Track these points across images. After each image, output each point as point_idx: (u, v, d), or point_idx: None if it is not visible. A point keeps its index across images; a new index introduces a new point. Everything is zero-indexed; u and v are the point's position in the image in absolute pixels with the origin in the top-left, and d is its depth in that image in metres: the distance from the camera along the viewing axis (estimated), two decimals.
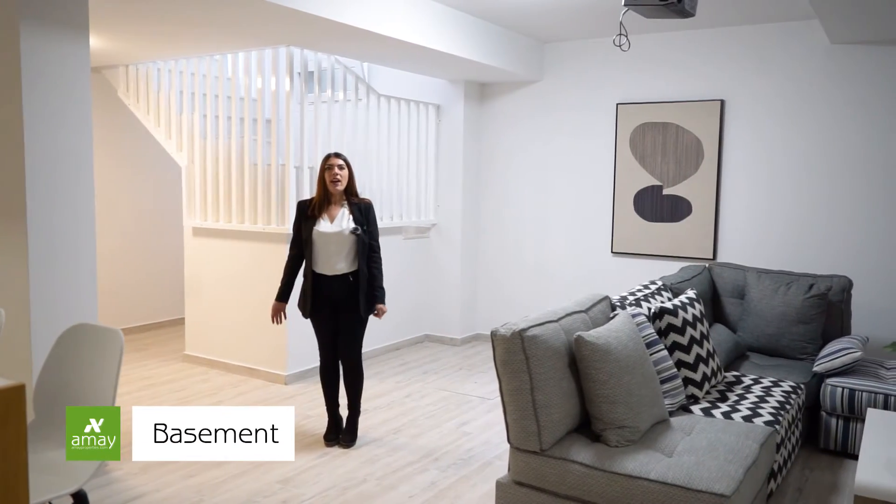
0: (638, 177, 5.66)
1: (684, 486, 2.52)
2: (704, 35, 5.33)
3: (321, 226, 3.79)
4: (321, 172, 3.83)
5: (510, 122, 6.27)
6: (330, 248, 3.77)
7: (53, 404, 2.24)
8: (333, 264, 3.78)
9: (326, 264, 3.79)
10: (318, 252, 3.78)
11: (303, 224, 3.83)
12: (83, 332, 2.24)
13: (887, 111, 4.76)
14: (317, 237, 3.77)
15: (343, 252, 3.79)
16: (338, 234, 3.77)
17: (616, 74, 5.72)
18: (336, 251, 3.78)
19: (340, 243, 3.78)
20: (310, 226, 3.80)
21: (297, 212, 3.92)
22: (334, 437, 3.98)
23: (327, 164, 3.81)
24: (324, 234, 3.77)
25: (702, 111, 5.35)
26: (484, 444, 4.01)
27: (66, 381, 2.19)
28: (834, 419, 3.87)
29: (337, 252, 3.78)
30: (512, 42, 5.59)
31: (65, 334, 2.32)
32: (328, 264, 3.79)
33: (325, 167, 3.81)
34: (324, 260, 3.79)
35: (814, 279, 4.50)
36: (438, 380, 5.27)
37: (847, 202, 4.92)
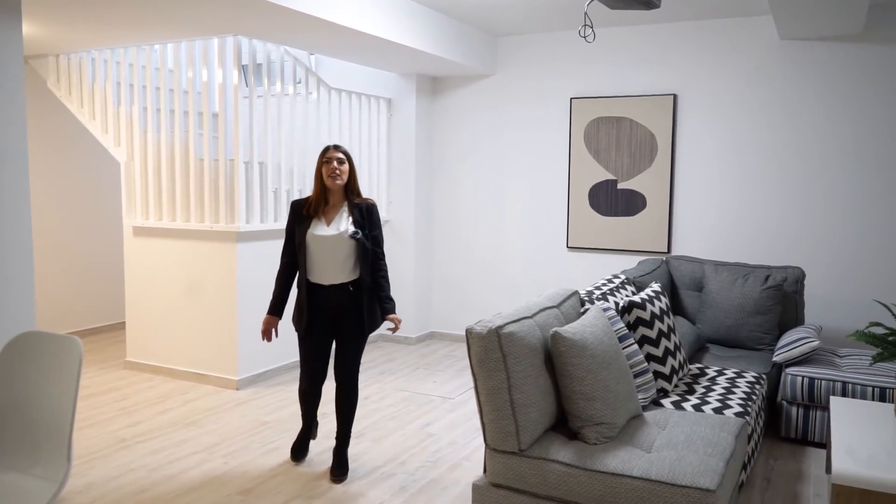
0: (593, 171, 5.66)
1: (669, 482, 2.48)
2: (657, 30, 5.36)
3: (316, 228, 3.33)
4: (318, 167, 3.36)
5: (463, 117, 6.19)
6: (326, 254, 3.32)
7: (3, 423, 2.01)
8: (330, 273, 3.34)
9: (322, 272, 3.34)
10: (312, 258, 3.34)
11: (296, 227, 3.39)
12: (34, 342, 1.98)
13: (833, 105, 4.88)
14: (311, 241, 3.32)
15: (341, 259, 3.33)
16: (335, 237, 3.30)
17: (569, 69, 5.71)
18: (333, 257, 3.32)
19: (338, 249, 3.32)
20: (304, 228, 3.35)
21: (290, 213, 3.44)
22: (303, 456, 3.65)
23: (325, 156, 3.33)
24: (319, 237, 3.31)
25: (655, 106, 5.39)
26: (450, 444, 3.91)
27: (15, 397, 1.95)
28: (794, 408, 3.93)
29: (334, 258, 3.32)
30: (464, 35, 5.51)
31: (11, 344, 2.06)
32: (324, 272, 3.34)
33: (322, 160, 3.34)
34: (319, 268, 3.34)
35: (769, 270, 4.57)
36: (397, 380, 5.14)
37: (798, 194, 5.03)
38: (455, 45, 5.37)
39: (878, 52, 4.74)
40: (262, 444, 3.89)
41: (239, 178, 4.77)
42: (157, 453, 3.75)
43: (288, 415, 4.35)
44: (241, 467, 3.57)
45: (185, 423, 4.20)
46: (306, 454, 3.68)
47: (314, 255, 3.33)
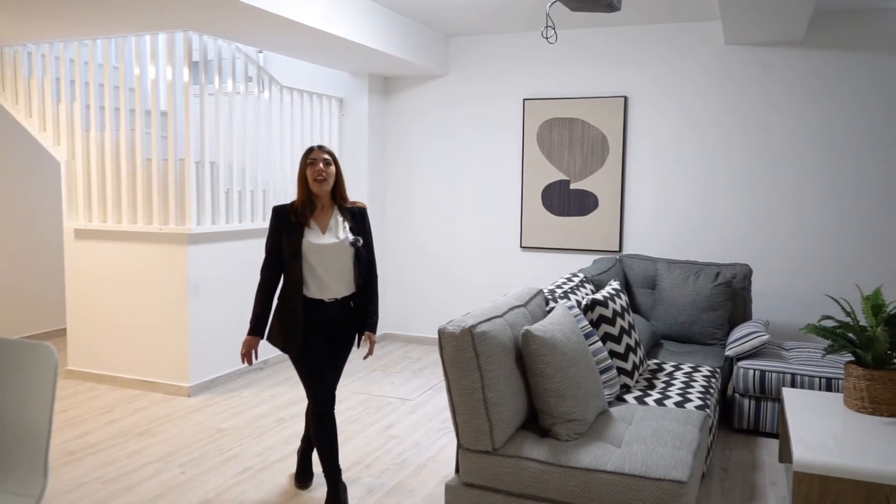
0: (546, 172, 5.72)
1: (642, 475, 2.52)
2: (609, 33, 5.46)
3: (313, 236, 2.98)
4: (302, 169, 3.01)
5: (416, 117, 6.17)
6: (328, 266, 2.99)
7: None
8: (333, 286, 3.01)
9: (323, 286, 3.00)
10: (313, 271, 2.98)
11: (285, 235, 2.99)
12: (2, 349, 1.86)
13: (776, 107, 5.08)
14: (310, 251, 2.95)
15: (344, 270, 3.02)
16: (337, 246, 2.98)
17: (522, 70, 5.76)
18: (336, 269, 3.00)
19: (341, 259, 3.00)
20: (297, 237, 2.97)
21: (273, 220, 3.04)
22: (310, 479, 3.37)
23: (310, 157, 3.01)
24: (319, 247, 2.96)
25: (607, 107, 5.49)
26: (414, 446, 3.88)
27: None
28: (746, 400, 4.06)
29: (337, 270, 3.01)
30: (417, 34, 5.49)
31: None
32: (326, 286, 3.00)
33: (306, 162, 3.01)
34: (321, 281, 2.99)
35: (719, 268, 4.71)
36: (353, 383, 5.08)
37: (744, 193, 5.20)
38: (408, 44, 5.35)
39: (817, 57, 4.95)
40: (220, 451, 3.78)
41: (190, 179, 4.63)
42: (110, 465, 3.60)
43: (244, 421, 4.25)
44: (200, 477, 3.46)
45: (136, 433, 4.05)
46: (312, 476, 3.39)
47: (314, 267, 2.98)
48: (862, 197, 4.92)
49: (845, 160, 4.94)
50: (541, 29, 5.60)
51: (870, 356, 3.14)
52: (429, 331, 6.28)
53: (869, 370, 3.13)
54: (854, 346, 3.20)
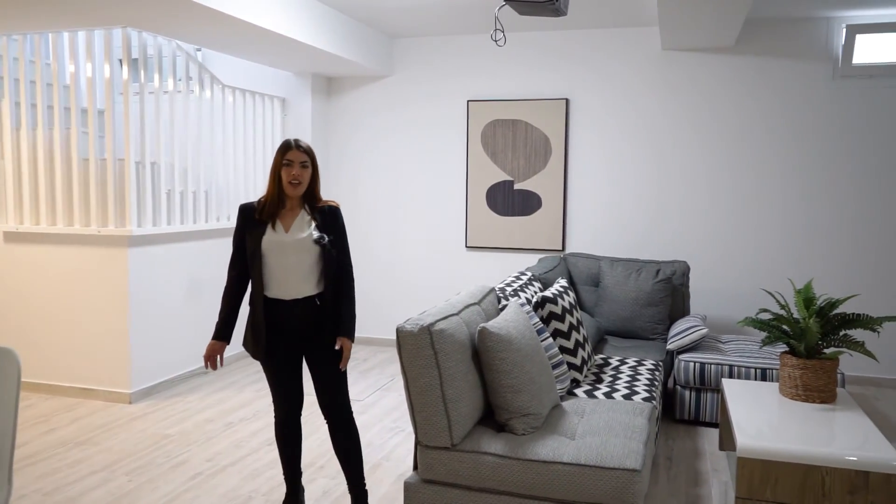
0: (490, 172, 5.81)
1: (597, 465, 2.61)
2: (550, 36, 5.59)
3: (273, 234, 2.80)
4: (275, 166, 2.80)
5: (360, 118, 6.16)
6: (287, 263, 2.81)
7: None
8: (293, 285, 2.82)
9: (283, 285, 2.82)
10: (271, 268, 2.81)
11: (248, 234, 2.84)
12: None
13: (708, 111, 5.30)
14: (268, 247, 2.79)
15: (304, 267, 2.83)
16: (297, 242, 2.80)
17: (466, 71, 5.83)
18: (296, 266, 2.82)
19: (301, 255, 2.82)
20: (257, 235, 2.81)
21: (238, 219, 2.89)
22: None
23: (286, 157, 2.77)
24: (278, 243, 2.79)
25: (549, 109, 5.61)
26: (367, 446, 3.88)
27: None
28: (687, 391, 4.23)
29: (297, 267, 2.82)
30: (361, 34, 5.49)
31: None
32: (285, 285, 2.82)
33: (282, 161, 2.78)
34: (279, 279, 2.82)
35: (659, 265, 4.89)
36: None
37: (681, 193, 5.40)
38: (351, 44, 5.33)
39: (747, 63, 5.19)
40: (168, 458, 3.70)
41: (130, 179, 4.50)
42: (50, 476, 3.47)
43: (191, 426, 4.16)
44: (149, 484, 3.38)
45: (76, 443, 3.91)
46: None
47: (272, 265, 2.82)
48: (791, 195, 5.19)
49: (774, 161, 5.20)
50: (485, 31, 5.68)
51: (803, 346, 3.32)
52: (375, 331, 6.28)
53: (802, 360, 3.31)
54: (788, 338, 3.38)
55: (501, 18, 4.48)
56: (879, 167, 5.01)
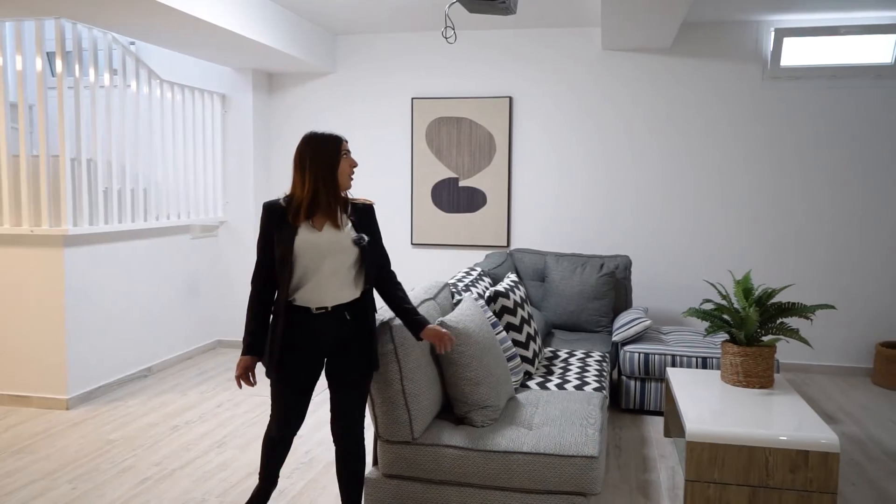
0: (435, 169, 5.83)
1: (557, 453, 2.67)
2: (494, 35, 5.65)
3: (307, 234, 2.50)
4: (328, 159, 2.54)
5: (303, 115, 6.09)
6: (324, 267, 2.51)
7: None
8: (327, 291, 2.52)
9: (315, 292, 2.51)
10: (304, 273, 2.51)
11: (276, 235, 2.53)
12: None
13: (646, 109, 5.47)
14: (303, 249, 2.48)
15: (342, 272, 2.54)
16: (334, 243, 2.51)
17: (410, 69, 5.84)
18: (333, 271, 2.52)
19: (340, 258, 2.52)
20: (288, 236, 2.50)
21: (264, 219, 2.57)
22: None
23: (344, 148, 2.57)
24: (312, 243, 2.49)
25: (493, 107, 5.68)
26: (319, 444, 3.85)
27: None
28: (633, 381, 4.36)
29: (334, 273, 2.52)
30: (303, 30, 5.43)
31: None
32: (318, 291, 2.51)
33: (340, 152, 2.55)
34: (313, 285, 2.51)
35: (602, 259, 5.02)
36: (247, 386, 4.94)
37: (621, 188, 5.56)
38: (293, 39, 5.26)
39: (683, 64, 5.38)
40: (114, 463, 3.58)
41: (65, 177, 4.33)
42: None
43: (135, 431, 4.03)
44: (94, 491, 3.27)
45: (12, 451, 3.74)
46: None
47: (307, 267, 2.50)
48: (727, 190, 5.41)
49: (710, 157, 5.41)
50: (430, 29, 5.70)
51: (743, 334, 3.48)
52: None
53: (742, 347, 3.47)
54: (729, 327, 3.53)
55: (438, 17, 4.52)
56: (806, 163, 5.28)
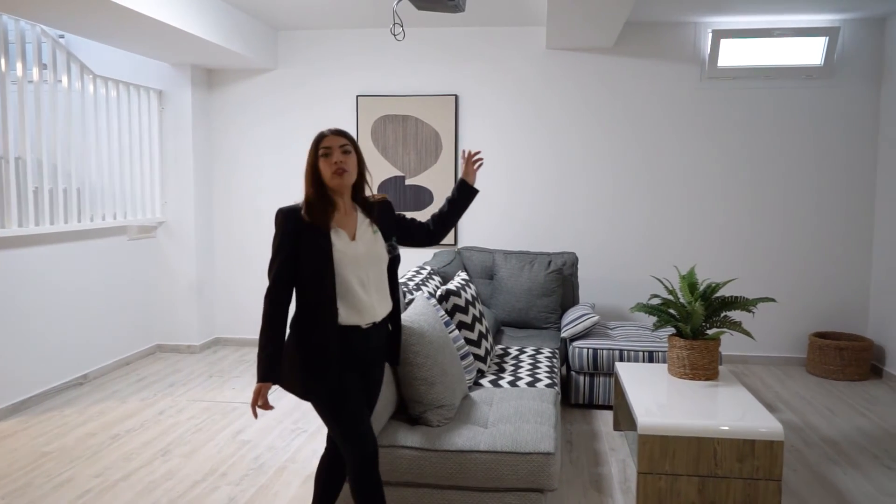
0: (381, 168, 5.78)
1: (514, 451, 2.67)
2: (439, 33, 5.63)
3: (344, 244, 2.29)
4: (311, 162, 2.33)
5: (245, 112, 5.94)
6: (363, 279, 2.32)
7: None
8: (372, 307, 2.34)
9: (361, 308, 2.31)
10: (345, 288, 2.28)
11: (302, 245, 2.27)
12: None
13: (589, 107, 5.54)
14: (345, 263, 2.27)
15: (381, 283, 2.38)
16: (371, 252, 2.34)
17: (355, 66, 5.76)
18: (375, 285, 2.35)
19: (376, 269, 2.36)
20: (319, 246, 2.26)
21: (280, 229, 2.30)
22: None
23: (322, 147, 2.32)
24: (352, 255, 2.29)
25: (439, 105, 5.66)
26: (269, 449, 3.76)
27: None
28: (582, 377, 4.41)
29: (377, 286, 2.36)
30: (242, 24, 5.29)
31: None
32: (364, 308, 2.32)
33: (318, 153, 2.32)
34: (357, 302, 2.30)
35: (550, 256, 5.06)
36: (190, 391, 4.80)
37: (568, 185, 5.62)
38: (233, 34, 5.12)
39: (625, 63, 5.47)
40: (49, 477, 3.41)
41: None
42: None
43: (72, 442, 3.86)
44: None
45: None
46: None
47: (349, 283, 2.28)
48: (669, 186, 5.53)
49: (652, 154, 5.52)
50: (374, 26, 5.64)
51: (689, 328, 3.56)
52: None
53: (689, 341, 3.55)
54: (676, 321, 3.60)
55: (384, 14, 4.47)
56: (742, 161, 5.45)
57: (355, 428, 2.29)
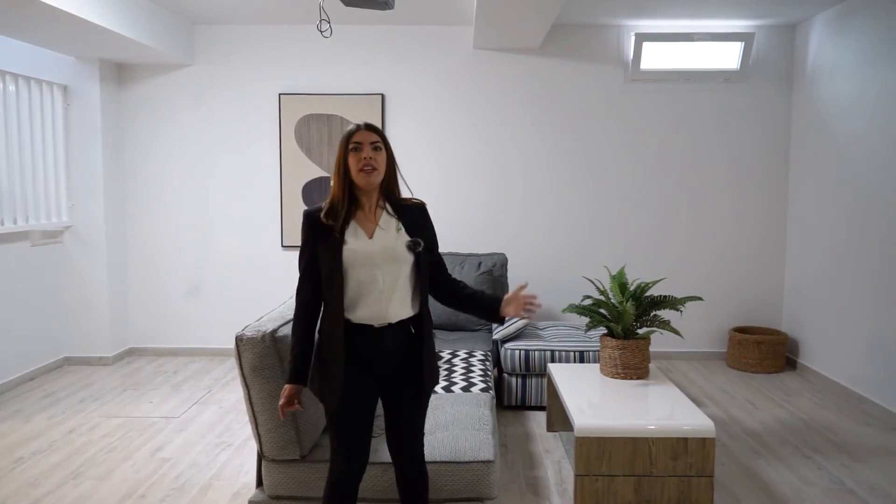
0: (306, 168, 5.61)
1: (454, 460, 2.61)
2: (363, 31, 5.51)
3: (358, 242, 2.22)
4: (341, 156, 2.24)
5: (159, 110, 5.64)
6: (377, 278, 2.22)
7: None
8: (385, 306, 2.23)
9: (375, 307, 2.22)
10: (357, 286, 2.22)
11: (320, 246, 2.24)
12: None
13: (515, 107, 5.54)
14: (356, 261, 2.21)
15: (400, 283, 2.25)
16: (388, 251, 2.23)
17: (277, 63, 5.57)
18: (389, 282, 2.23)
19: (394, 268, 2.23)
20: (333, 246, 2.21)
21: (305, 228, 2.27)
22: None
23: (353, 141, 2.22)
24: (363, 253, 2.21)
25: (364, 104, 5.54)
26: (192, 467, 3.56)
27: None
28: (514, 378, 4.39)
29: (390, 284, 2.23)
30: (154, 16, 5.01)
31: None
32: (378, 307, 2.22)
33: (348, 147, 2.23)
34: (368, 299, 2.22)
35: (480, 258, 5.03)
36: (103, 406, 4.51)
37: (496, 187, 5.60)
38: (143, 26, 4.83)
39: (551, 64, 5.50)
40: None
41: None
42: None
43: None
44: None
45: None
46: None
47: (358, 282, 2.22)
48: (597, 187, 5.59)
49: (580, 156, 5.57)
50: (296, 22, 5.45)
51: (620, 328, 3.58)
52: (183, 341, 5.80)
53: (620, 340, 3.57)
54: (607, 321, 3.62)
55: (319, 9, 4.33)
56: (667, 161, 5.57)
57: (345, 443, 2.24)
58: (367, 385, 2.26)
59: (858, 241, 4.64)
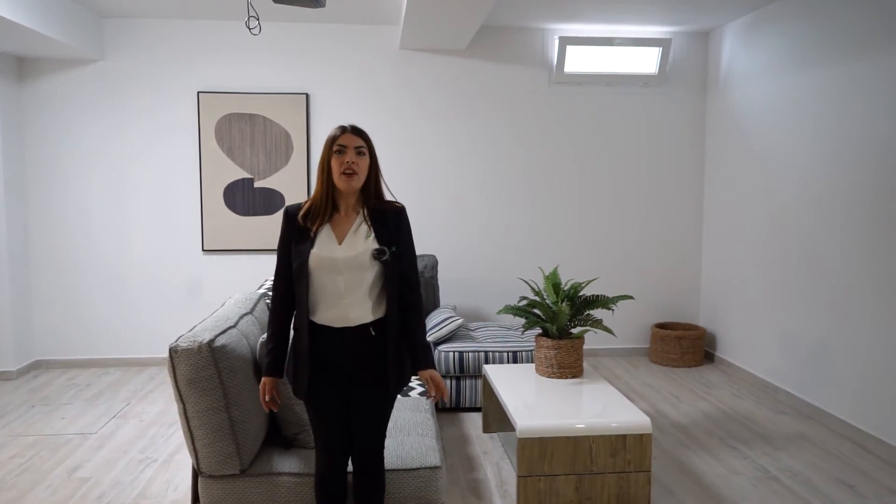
0: (227, 170, 5.41)
1: (401, 467, 2.56)
2: (287, 28, 5.36)
3: (323, 247, 2.25)
4: (325, 157, 2.28)
5: (66, 107, 5.31)
6: (338, 284, 2.25)
7: None
8: (345, 309, 2.26)
9: (332, 309, 2.26)
10: (319, 289, 2.26)
11: (293, 243, 2.30)
12: None
13: (441, 108, 5.53)
14: (316, 265, 2.24)
15: (362, 289, 2.26)
16: (351, 259, 2.25)
17: (195, 60, 5.34)
18: (350, 288, 2.25)
19: (356, 275, 2.25)
20: (304, 247, 2.27)
21: (283, 225, 2.34)
22: None
23: (338, 143, 2.26)
24: (328, 259, 2.24)
25: (288, 104, 5.39)
26: (114, 486, 3.36)
27: None
28: (448, 380, 4.37)
29: (351, 289, 2.25)
30: (58, 6, 4.68)
31: None
32: (335, 309, 2.26)
33: (332, 149, 2.27)
34: (328, 302, 2.26)
35: None
36: (9, 424, 4.20)
37: (425, 188, 5.57)
38: (46, 17, 4.51)
39: (478, 66, 5.52)
40: None
41: None
42: None
43: None
44: None
45: None
46: None
47: (321, 285, 2.26)
48: (525, 189, 5.65)
49: (506, 157, 5.62)
50: (215, 17, 5.25)
51: (555, 328, 3.63)
52: (96, 352, 5.48)
53: (555, 340, 3.62)
54: (542, 321, 3.66)
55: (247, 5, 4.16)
56: (589, 163, 5.69)
57: (321, 435, 2.34)
58: (335, 381, 2.32)
59: (770, 240, 4.89)
